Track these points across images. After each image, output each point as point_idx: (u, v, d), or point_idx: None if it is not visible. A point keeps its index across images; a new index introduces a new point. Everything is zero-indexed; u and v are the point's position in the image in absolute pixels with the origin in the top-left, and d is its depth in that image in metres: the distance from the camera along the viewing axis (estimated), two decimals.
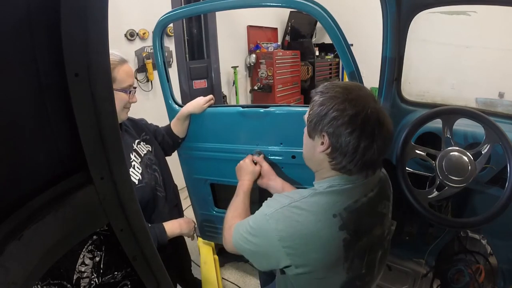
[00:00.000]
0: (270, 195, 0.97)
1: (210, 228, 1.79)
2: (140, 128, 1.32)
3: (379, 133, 0.76)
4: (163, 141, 1.43)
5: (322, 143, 0.81)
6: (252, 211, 0.94)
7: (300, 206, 0.81)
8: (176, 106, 1.54)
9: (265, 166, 1.32)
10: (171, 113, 1.54)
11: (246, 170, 1.29)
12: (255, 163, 1.33)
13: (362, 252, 0.84)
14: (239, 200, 1.15)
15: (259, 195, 1.43)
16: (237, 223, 0.94)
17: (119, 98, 1.08)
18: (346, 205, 0.80)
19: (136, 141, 1.24)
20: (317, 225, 0.78)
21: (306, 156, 0.91)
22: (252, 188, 1.26)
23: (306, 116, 0.86)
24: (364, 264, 0.85)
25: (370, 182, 0.86)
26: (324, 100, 0.79)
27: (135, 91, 1.15)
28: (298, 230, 0.78)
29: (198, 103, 1.44)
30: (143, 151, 1.24)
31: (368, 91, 0.82)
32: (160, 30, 1.42)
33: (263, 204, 0.89)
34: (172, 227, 1.22)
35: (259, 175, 1.31)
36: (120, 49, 1.11)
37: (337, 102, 0.77)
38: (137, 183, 1.13)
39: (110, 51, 1.05)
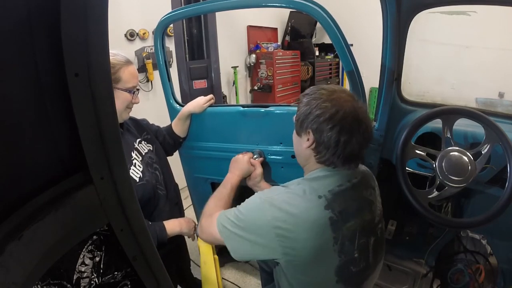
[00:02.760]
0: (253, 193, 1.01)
1: None
2: (142, 128, 1.33)
3: (358, 129, 0.85)
4: (164, 141, 1.44)
5: (308, 139, 0.90)
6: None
7: (291, 191, 0.89)
8: (177, 105, 1.55)
9: (258, 171, 1.33)
10: (173, 112, 1.54)
11: (241, 165, 1.30)
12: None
13: (352, 234, 0.88)
14: (225, 192, 1.16)
15: (239, 193, 1.42)
16: (222, 211, 0.97)
17: (123, 97, 1.10)
18: (330, 188, 0.88)
19: (138, 140, 1.25)
20: (305, 205, 0.85)
21: (296, 153, 1.01)
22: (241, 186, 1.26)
23: (294, 117, 0.96)
24: (355, 248, 0.89)
25: (354, 172, 0.95)
26: (309, 101, 0.90)
27: (138, 92, 1.17)
28: (289, 210, 0.85)
29: (198, 103, 1.45)
30: (144, 150, 1.25)
31: (350, 93, 0.92)
32: (162, 30, 1.42)
33: (257, 192, 0.94)
34: (172, 225, 1.23)
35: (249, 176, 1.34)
36: (120, 49, 1.12)
37: (319, 102, 0.87)
38: (138, 180, 1.13)
39: (116, 52, 1.08)
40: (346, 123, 0.84)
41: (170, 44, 2.90)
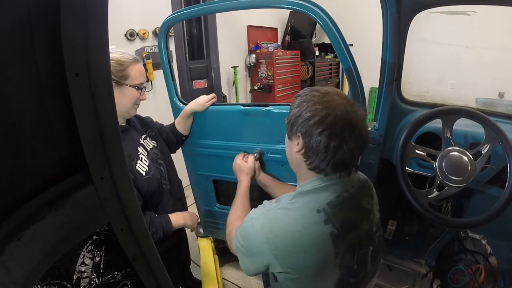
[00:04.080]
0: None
1: (212, 223, 1.80)
2: (146, 125, 1.37)
3: (350, 135, 0.79)
4: (167, 138, 1.47)
5: (298, 144, 0.85)
6: (254, 207, 0.95)
7: (285, 207, 0.84)
8: (181, 104, 1.56)
9: (250, 163, 1.33)
10: (176, 110, 1.55)
11: (240, 169, 1.32)
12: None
13: (352, 246, 0.85)
14: (237, 203, 1.19)
15: (258, 193, 1.44)
16: (236, 228, 0.96)
17: (131, 94, 1.14)
18: (329, 200, 0.83)
19: (143, 136, 1.29)
20: (303, 223, 0.80)
21: (288, 157, 0.95)
22: (251, 185, 1.29)
23: (286, 119, 0.90)
24: (355, 260, 0.86)
25: (349, 180, 0.89)
26: (300, 103, 0.84)
27: (145, 89, 1.22)
28: (285, 230, 0.80)
29: (200, 101, 1.46)
30: (149, 146, 1.29)
31: (344, 96, 0.86)
32: (165, 31, 1.44)
33: (251, 210, 0.92)
34: (176, 218, 1.28)
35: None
36: (120, 49, 1.13)
37: (310, 104, 0.82)
38: (144, 174, 1.17)
39: (123, 50, 1.11)
40: (336, 128, 0.78)
41: (170, 44, 2.89)
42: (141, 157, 1.20)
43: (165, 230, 1.21)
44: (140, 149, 1.21)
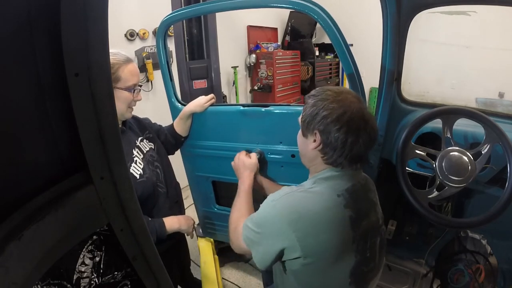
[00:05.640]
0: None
1: (210, 225, 1.80)
2: (144, 127, 1.34)
3: (364, 129, 0.85)
4: (165, 140, 1.45)
5: (314, 140, 0.90)
6: (256, 209, 0.95)
7: (306, 190, 0.88)
8: (179, 104, 1.55)
9: (254, 159, 1.31)
10: (174, 111, 1.55)
11: (244, 165, 1.29)
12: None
13: (365, 233, 0.89)
14: (241, 200, 1.16)
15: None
16: (244, 220, 0.96)
17: (124, 97, 1.10)
18: (346, 187, 0.89)
19: (139, 138, 1.26)
20: (325, 205, 0.84)
21: (301, 153, 1.00)
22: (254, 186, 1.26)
23: (300, 118, 0.95)
24: (368, 247, 0.90)
25: (360, 173, 0.97)
26: (315, 102, 0.89)
27: (139, 90, 1.17)
28: (307, 211, 0.83)
29: (199, 102, 1.45)
30: (146, 148, 1.27)
31: (355, 94, 0.92)
32: (164, 30, 1.43)
33: (268, 196, 0.93)
34: (171, 222, 1.25)
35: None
36: (120, 49, 1.12)
37: (326, 103, 0.87)
38: (138, 177, 1.15)
39: (116, 51, 1.08)
40: (353, 124, 0.84)
41: (170, 44, 2.90)
42: (136, 160, 1.17)
43: (158, 234, 1.18)
44: (135, 152, 1.19)
